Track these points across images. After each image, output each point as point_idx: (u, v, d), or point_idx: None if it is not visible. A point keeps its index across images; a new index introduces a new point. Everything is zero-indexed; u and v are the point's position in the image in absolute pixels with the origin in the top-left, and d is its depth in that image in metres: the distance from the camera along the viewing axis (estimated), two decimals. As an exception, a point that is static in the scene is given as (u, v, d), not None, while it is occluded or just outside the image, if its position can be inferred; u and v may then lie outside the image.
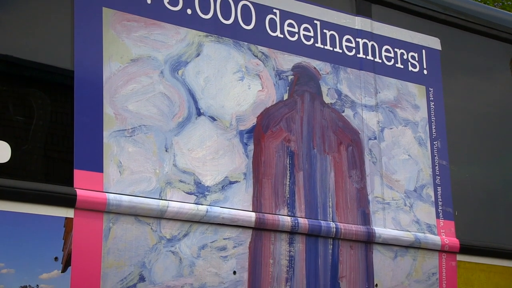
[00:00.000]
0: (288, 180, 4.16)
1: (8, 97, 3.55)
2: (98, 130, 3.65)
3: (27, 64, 3.63)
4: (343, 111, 4.44)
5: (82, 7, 3.68)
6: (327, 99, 4.38)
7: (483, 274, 4.76)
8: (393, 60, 4.69)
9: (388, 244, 4.40)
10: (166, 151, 3.82)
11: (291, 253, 4.08)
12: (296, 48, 4.34)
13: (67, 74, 3.65)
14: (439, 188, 4.69)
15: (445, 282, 4.58)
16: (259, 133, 4.12)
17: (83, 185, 3.54)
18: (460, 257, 4.66)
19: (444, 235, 4.62)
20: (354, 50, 4.55)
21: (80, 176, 3.54)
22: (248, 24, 4.21)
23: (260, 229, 4.00)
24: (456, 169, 4.83)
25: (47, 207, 3.43)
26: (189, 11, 4.01)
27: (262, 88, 4.17)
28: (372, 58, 4.61)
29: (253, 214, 3.98)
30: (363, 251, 4.33)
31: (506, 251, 4.86)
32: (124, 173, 3.68)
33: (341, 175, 4.35)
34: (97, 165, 3.60)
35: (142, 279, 3.64)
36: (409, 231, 4.49)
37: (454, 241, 4.63)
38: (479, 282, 4.74)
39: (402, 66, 4.73)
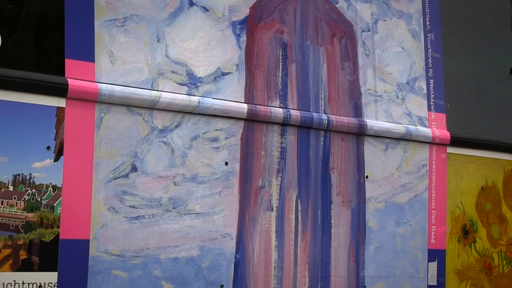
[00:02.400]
0: (280, 71, 4.15)
1: (-4, -15, 3.50)
2: (89, 19, 3.60)
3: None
4: (337, 3, 4.39)
5: None
6: (321, -10, 4.33)
7: (473, 166, 4.81)
8: (388, -50, 4.62)
9: (379, 136, 4.42)
10: (158, 41, 3.79)
11: (282, 144, 4.10)
12: None
13: (57, -39, 3.58)
14: (431, 81, 4.69)
15: (435, 173, 4.63)
16: (252, 24, 4.08)
17: (75, 74, 3.52)
18: (450, 149, 4.70)
19: (435, 128, 4.64)
20: None
21: (71, 65, 3.52)
22: None
23: (252, 120, 4.01)
24: (449, 62, 4.82)
25: (38, 96, 3.43)
26: None
27: (255, -22, 4.11)
28: None
29: (245, 106, 3.98)
30: (355, 143, 4.36)
31: (496, 144, 4.90)
32: (116, 63, 3.66)
33: (333, 67, 4.34)
34: (88, 55, 3.58)
35: (134, 169, 3.67)
36: (401, 124, 4.51)
37: (445, 134, 4.66)
38: (468, 173, 4.79)
39: (397, -43, 4.65)
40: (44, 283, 3.42)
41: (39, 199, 3.45)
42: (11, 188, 3.40)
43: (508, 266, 4.91)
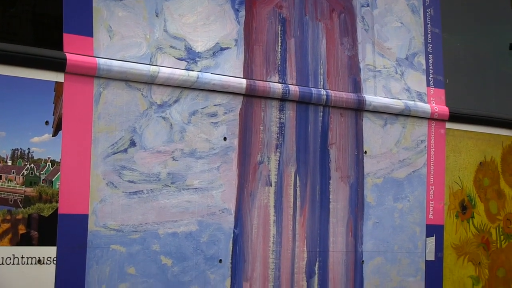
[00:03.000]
0: (279, 47, 4.14)
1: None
2: (87, -7, 3.60)
3: None
4: (336, -23, 4.37)
5: None
6: (320, -35, 4.31)
7: (471, 142, 4.81)
8: None
9: (378, 111, 4.42)
10: (156, 16, 3.78)
11: (281, 120, 4.10)
12: None
13: None
14: (430, 56, 4.68)
15: (433, 149, 4.63)
16: (251, -1, 4.07)
17: (73, 49, 3.51)
18: (449, 125, 4.70)
19: (434, 103, 4.64)
20: None
21: (69, 40, 3.51)
22: None
23: (250, 95, 4.00)
24: (448, 37, 4.80)
25: (36, 71, 3.42)
26: None
27: (254, -48, 4.09)
28: None
29: (244, 81, 3.97)
30: (353, 119, 4.36)
31: (495, 119, 4.90)
32: (114, 38, 3.65)
33: (332, 42, 4.32)
34: (87, 29, 3.57)
35: (133, 144, 3.67)
36: (400, 99, 4.51)
37: (444, 109, 4.66)
38: (467, 149, 4.79)
39: None
40: (43, 257, 3.43)
41: (37, 174, 3.45)
42: (9, 162, 3.40)
43: (505, 241, 4.92)
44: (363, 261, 4.35)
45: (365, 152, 4.39)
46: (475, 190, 4.81)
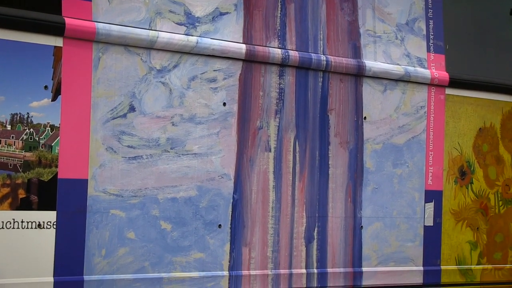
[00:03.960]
0: (279, 12, 4.12)
1: None
2: (86, -43, 3.57)
3: None
4: None
5: None
6: None
7: (471, 108, 4.81)
8: None
9: (378, 77, 4.41)
10: (155, -20, 3.76)
11: (281, 85, 4.09)
12: None
13: None
14: (431, 22, 4.66)
15: (433, 115, 4.63)
16: (250, -37, 4.04)
17: (72, 13, 3.49)
18: (449, 91, 4.69)
19: (434, 69, 4.63)
20: None
21: (68, 4, 3.49)
22: None
23: (250, 61, 3.99)
24: (448, 3, 4.78)
25: (35, 35, 3.40)
26: None
27: None
28: None
29: (243, 46, 3.96)
30: (353, 84, 4.35)
31: (495, 85, 4.89)
32: (113, 2, 3.63)
33: (332, 7, 4.30)
34: (85, -6, 3.55)
35: (132, 109, 3.67)
36: (400, 65, 4.50)
37: (444, 75, 4.65)
38: (466, 115, 4.79)
39: None
40: (43, 222, 3.44)
41: (37, 139, 3.45)
42: (8, 127, 3.40)
43: (504, 206, 4.94)
44: (362, 226, 4.36)
45: (365, 118, 4.39)
46: (474, 156, 4.81)
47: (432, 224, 4.62)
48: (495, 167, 4.90)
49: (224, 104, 3.92)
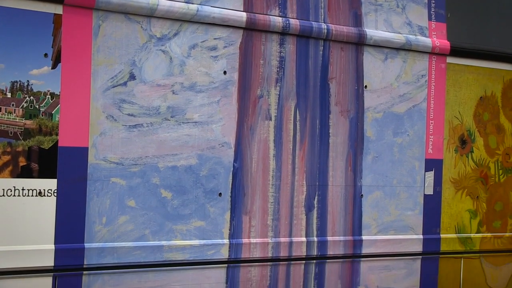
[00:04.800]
0: (280, -20, 4.10)
1: None
2: None
3: None
4: None
5: None
6: None
7: (472, 76, 4.80)
8: None
9: (379, 46, 4.40)
10: None
11: (281, 54, 4.08)
12: None
13: None
14: (432, -10, 4.64)
15: (433, 83, 4.62)
16: None
17: (71, -19, 3.49)
18: (450, 59, 4.68)
19: (435, 37, 4.61)
20: None
21: (67, -29, 3.48)
22: None
23: (251, 29, 3.98)
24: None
25: (35, 2, 3.39)
26: None
27: None
28: None
29: (244, 14, 3.94)
30: (354, 53, 4.33)
31: (496, 53, 4.87)
32: (113, -31, 3.61)
33: (334, -25, 4.28)
34: (84, -39, 3.53)
35: (132, 77, 3.66)
36: (401, 33, 4.48)
37: (445, 43, 4.63)
38: (467, 83, 4.78)
39: None
40: (44, 190, 3.45)
41: (37, 107, 3.45)
42: (9, 95, 3.40)
43: (504, 175, 4.94)
44: (362, 195, 4.37)
45: (365, 86, 4.38)
46: (475, 124, 4.81)
47: (432, 193, 4.63)
48: (496, 136, 4.90)
49: (225, 72, 3.91)
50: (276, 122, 4.08)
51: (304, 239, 4.17)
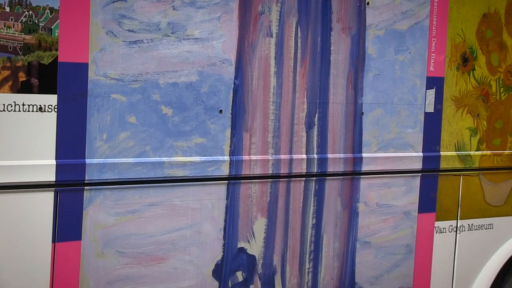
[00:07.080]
0: None
1: None
2: None
3: None
4: None
5: None
6: None
7: None
8: None
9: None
10: None
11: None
12: None
13: None
14: None
15: (436, 0, 4.57)
16: None
17: None
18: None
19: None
20: None
21: None
22: None
23: None
24: None
25: None
26: None
27: None
28: None
29: None
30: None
31: None
32: None
33: None
34: None
35: (132, -8, 3.63)
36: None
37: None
38: (471, 0, 4.73)
39: None
40: (44, 105, 3.45)
41: (36, 21, 3.42)
42: (7, 9, 3.36)
43: (505, 93, 4.94)
44: (362, 112, 4.37)
45: (368, 3, 4.34)
46: (477, 42, 4.78)
47: (432, 111, 4.63)
48: (498, 54, 4.87)
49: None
50: (277, 39, 4.05)
51: (304, 156, 4.19)
